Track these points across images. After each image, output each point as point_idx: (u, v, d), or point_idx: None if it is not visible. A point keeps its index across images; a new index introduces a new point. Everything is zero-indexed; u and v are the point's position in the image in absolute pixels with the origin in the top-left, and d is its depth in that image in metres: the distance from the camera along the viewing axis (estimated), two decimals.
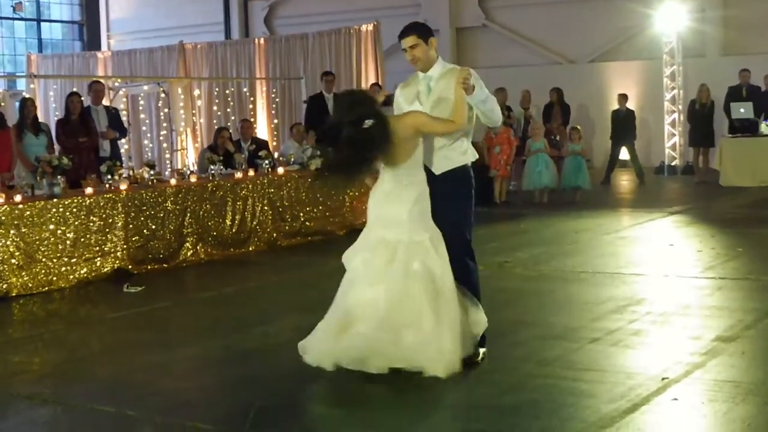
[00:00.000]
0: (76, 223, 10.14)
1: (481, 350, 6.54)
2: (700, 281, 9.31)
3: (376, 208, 6.55)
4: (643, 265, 10.31)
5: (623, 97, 19.52)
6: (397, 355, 6.14)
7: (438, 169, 6.52)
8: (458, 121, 6.33)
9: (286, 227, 12.51)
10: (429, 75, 6.59)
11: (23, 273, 9.66)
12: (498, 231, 12.76)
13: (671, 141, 21.04)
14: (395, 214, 6.37)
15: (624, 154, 19.64)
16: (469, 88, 6.31)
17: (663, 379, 6.06)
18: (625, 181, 19.52)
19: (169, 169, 15.34)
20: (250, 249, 11.98)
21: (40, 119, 14.28)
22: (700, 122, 19.28)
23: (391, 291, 6.20)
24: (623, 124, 19.30)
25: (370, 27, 18.72)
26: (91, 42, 28.34)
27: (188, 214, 11.25)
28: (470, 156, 6.63)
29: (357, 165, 6.33)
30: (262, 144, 14.81)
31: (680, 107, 20.95)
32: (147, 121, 20.50)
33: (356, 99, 6.42)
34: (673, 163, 20.89)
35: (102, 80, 16.63)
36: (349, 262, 6.49)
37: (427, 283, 6.23)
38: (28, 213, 9.74)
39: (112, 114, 14.43)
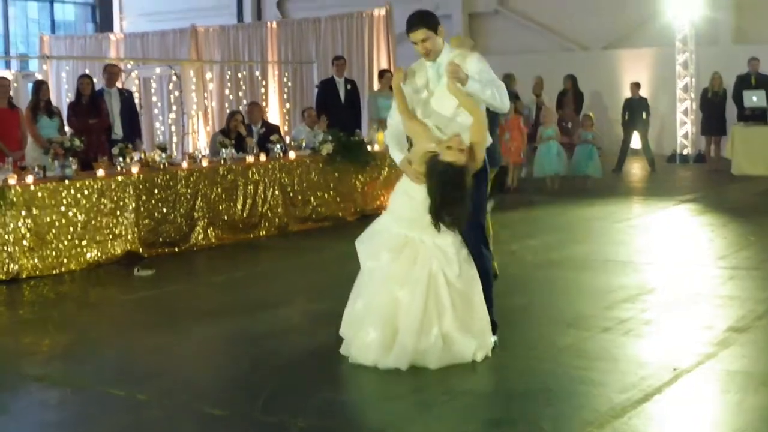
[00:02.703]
0: (88, 205, 10.14)
1: (493, 338, 6.52)
2: (712, 270, 9.27)
3: (402, 208, 6.46)
4: (654, 253, 10.28)
5: (636, 86, 19.43)
6: (441, 358, 6.18)
7: None
8: (478, 117, 6.29)
9: (297, 212, 12.49)
10: (438, 62, 6.51)
11: (34, 255, 9.67)
12: (509, 218, 12.70)
13: (683, 129, 20.95)
14: (420, 216, 6.27)
15: (636, 142, 19.56)
16: (462, 80, 6.24)
17: (675, 369, 6.04)
18: (636, 169, 19.45)
19: (181, 152, 15.33)
20: (261, 233, 11.97)
21: (52, 101, 14.29)
22: (712, 110, 19.21)
23: (420, 293, 6.17)
24: (635, 112, 19.21)
25: (383, 11, 18.62)
26: (104, 23, 28.35)
27: (199, 198, 11.24)
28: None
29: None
30: (272, 128, 14.76)
31: (692, 95, 20.86)
32: (159, 104, 20.47)
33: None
34: (684, 152, 20.80)
35: (117, 63, 16.58)
36: (372, 257, 6.43)
37: (447, 286, 6.21)
38: (39, 194, 9.74)
39: (125, 97, 14.43)
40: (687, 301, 7.96)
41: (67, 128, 13.32)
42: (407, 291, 6.21)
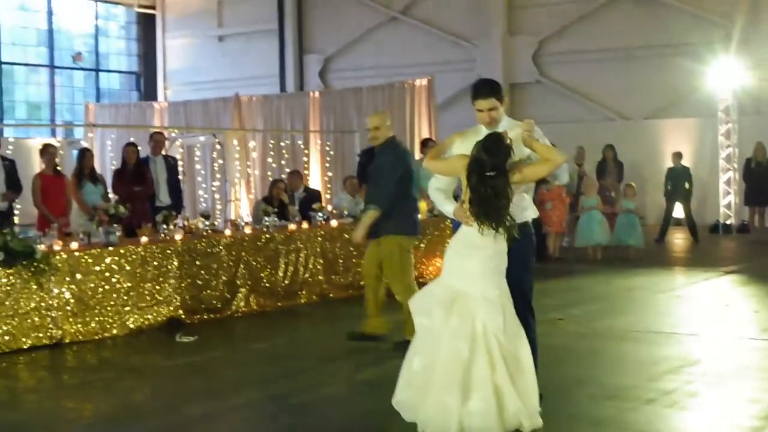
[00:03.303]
0: (131, 271, 10.21)
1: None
2: (758, 342, 9.17)
3: (456, 257, 6.43)
4: (698, 324, 10.18)
5: (678, 156, 19.34)
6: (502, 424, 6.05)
7: None
8: (554, 158, 6.32)
9: (339, 279, 12.52)
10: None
11: (77, 320, 9.73)
12: (551, 287, 12.64)
13: (726, 199, 20.85)
14: (470, 267, 6.26)
15: (678, 212, 19.43)
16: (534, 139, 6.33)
17: None
18: (679, 239, 19.33)
19: (224, 220, 15.43)
20: (302, 300, 12.00)
21: (97, 167, 14.51)
22: (756, 181, 19.11)
23: (480, 350, 6.09)
24: (678, 182, 19.11)
25: (424, 82, 18.75)
26: (148, 92, 28.79)
27: (241, 265, 11.30)
28: (531, 213, 6.60)
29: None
30: (314, 193, 14.87)
31: (735, 165, 20.78)
32: (202, 172, 20.66)
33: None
34: (728, 222, 20.68)
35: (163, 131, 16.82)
36: (424, 314, 6.34)
37: (496, 338, 6.14)
38: (83, 260, 9.83)
39: (170, 164, 14.60)
40: (732, 374, 7.86)
41: (111, 195, 13.49)
42: (467, 348, 6.07)
